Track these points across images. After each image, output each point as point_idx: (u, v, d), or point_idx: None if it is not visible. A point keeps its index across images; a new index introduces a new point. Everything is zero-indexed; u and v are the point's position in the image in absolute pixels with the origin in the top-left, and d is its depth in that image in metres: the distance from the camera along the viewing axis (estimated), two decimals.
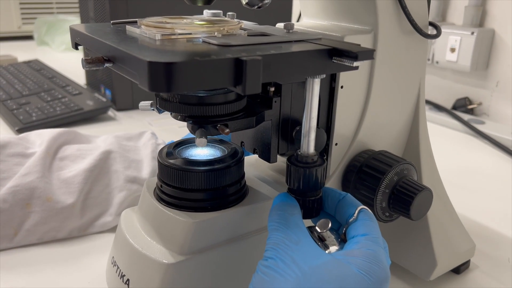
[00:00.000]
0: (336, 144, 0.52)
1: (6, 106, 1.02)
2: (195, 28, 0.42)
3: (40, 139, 0.64)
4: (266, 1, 0.41)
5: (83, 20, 1.16)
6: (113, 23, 0.49)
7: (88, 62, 0.39)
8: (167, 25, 0.42)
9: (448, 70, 1.15)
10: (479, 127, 1.01)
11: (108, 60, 0.40)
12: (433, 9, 1.13)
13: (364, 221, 0.39)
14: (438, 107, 1.11)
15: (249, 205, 0.47)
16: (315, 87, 0.42)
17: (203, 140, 0.42)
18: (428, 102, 1.14)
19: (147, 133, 0.68)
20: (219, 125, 0.43)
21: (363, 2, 0.49)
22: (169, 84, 0.32)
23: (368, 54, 0.38)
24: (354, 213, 0.40)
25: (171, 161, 0.46)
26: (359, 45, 0.42)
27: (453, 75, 1.16)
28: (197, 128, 0.43)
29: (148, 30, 0.42)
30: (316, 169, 0.43)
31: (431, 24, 0.55)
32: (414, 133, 0.58)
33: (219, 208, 0.46)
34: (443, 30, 1.10)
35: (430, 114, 1.09)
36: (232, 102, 0.44)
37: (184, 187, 0.45)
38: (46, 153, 0.60)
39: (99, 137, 0.69)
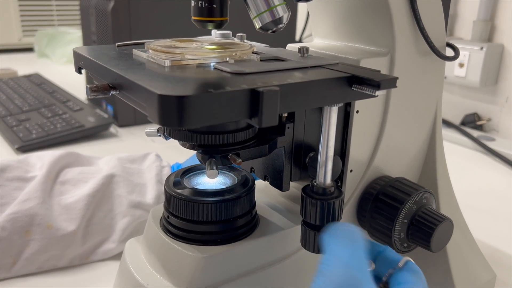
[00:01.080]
0: (351, 170, 0.49)
1: (6, 122, 1.00)
2: (206, 54, 0.39)
3: (40, 161, 0.61)
4: (280, 26, 0.39)
5: (85, 34, 1.14)
6: (118, 46, 0.47)
7: (93, 90, 0.37)
8: (176, 50, 0.40)
9: (457, 85, 1.13)
10: (489, 144, 0.99)
11: (114, 88, 0.37)
12: None
13: (413, 272, 0.36)
14: (447, 123, 1.09)
15: (261, 237, 0.45)
16: (332, 116, 0.39)
17: (214, 171, 0.39)
18: None
19: (151, 155, 0.66)
20: (230, 155, 0.41)
21: (379, 24, 0.47)
22: (181, 119, 0.30)
23: (391, 82, 0.36)
24: (398, 262, 0.38)
25: (179, 191, 0.43)
26: (379, 71, 0.40)
27: (461, 91, 1.14)
28: (208, 158, 0.40)
29: (156, 55, 0.40)
30: (333, 201, 0.40)
31: (448, 45, 0.53)
32: (430, 156, 0.56)
33: (229, 241, 0.43)
34: None
35: None
36: (244, 130, 0.42)
37: (193, 219, 0.43)
38: (47, 177, 0.58)
39: (102, 159, 0.67)
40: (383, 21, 0.46)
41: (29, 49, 1.91)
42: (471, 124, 1.10)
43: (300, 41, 1.49)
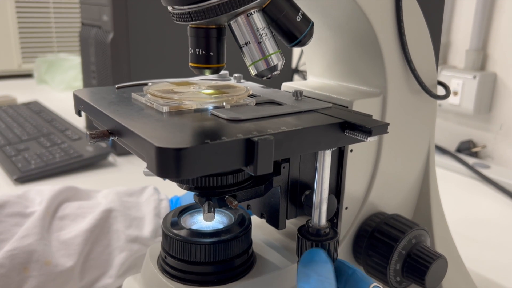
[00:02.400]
0: (346, 208, 0.50)
1: (5, 152, 1.01)
2: (203, 99, 0.41)
3: (40, 197, 0.62)
4: (275, 73, 0.40)
5: (84, 64, 1.16)
6: (117, 88, 0.48)
7: (93, 137, 0.38)
8: (174, 96, 0.41)
9: (451, 113, 1.15)
10: (485, 171, 1.00)
11: (114, 134, 0.38)
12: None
13: None
14: (442, 150, 1.10)
15: (258, 276, 0.45)
16: (326, 159, 0.40)
17: (211, 215, 0.40)
18: None
19: (149, 188, 0.67)
20: (226, 197, 0.42)
21: (371, 64, 0.48)
22: (179, 171, 0.31)
23: (382, 129, 0.37)
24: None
25: (176, 231, 0.44)
26: (371, 115, 0.41)
27: (456, 118, 1.15)
28: (204, 201, 0.41)
29: (154, 100, 0.41)
30: (328, 242, 0.41)
31: (439, 83, 0.55)
32: (424, 192, 0.56)
33: (226, 281, 0.44)
34: (445, 73, 1.11)
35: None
36: (240, 172, 0.43)
37: (189, 260, 0.43)
38: (46, 212, 0.58)
39: (100, 192, 0.67)
40: (375, 62, 0.48)
41: (29, 75, 1.93)
42: (467, 151, 1.11)
43: (296, 68, 1.52)
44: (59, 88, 1.71)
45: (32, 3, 1.90)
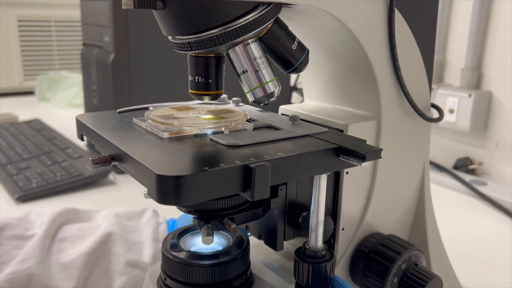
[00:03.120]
0: (343, 229, 0.51)
1: (6, 171, 1.02)
2: (202, 125, 0.42)
3: (41, 219, 0.63)
4: (272, 99, 0.41)
5: (85, 83, 1.18)
6: (119, 112, 0.49)
7: (95, 162, 0.39)
8: (174, 122, 0.42)
9: (448, 130, 1.16)
10: (481, 188, 1.01)
11: (115, 159, 0.40)
12: None
13: None
14: (439, 167, 1.12)
15: None
16: (322, 183, 0.41)
17: (210, 238, 0.41)
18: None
19: (148, 211, 0.68)
20: (225, 220, 0.43)
21: (366, 89, 0.50)
22: (179, 197, 0.32)
23: (376, 154, 0.38)
24: None
25: (175, 253, 0.45)
26: (365, 140, 0.42)
27: (453, 135, 1.17)
28: (203, 224, 0.42)
29: (155, 125, 0.42)
30: (325, 264, 0.42)
31: (433, 106, 0.56)
32: (420, 212, 0.57)
33: None
34: (441, 91, 1.12)
35: (431, 174, 1.09)
36: (238, 195, 0.44)
37: (189, 281, 0.44)
38: (46, 235, 0.59)
39: (100, 213, 0.68)
40: (369, 87, 0.49)
41: (30, 93, 1.95)
42: (464, 168, 1.12)
43: (294, 86, 1.53)
44: (60, 105, 1.73)
45: (34, 21, 1.93)
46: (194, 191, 0.32)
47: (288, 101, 1.44)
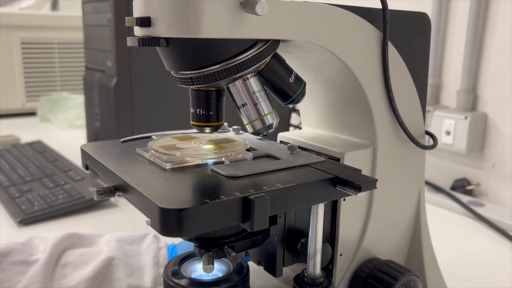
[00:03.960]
0: (341, 254, 0.52)
1: (9, 194, 1.03)
2: (203, 156, 0.43)
3: (44, 244, 0.64)
4: (270, 130, 0.43)
5: (87, 107, 1.19)
6: (122, 142, 0.51)
7: (100, 193, 0.40)
8: (176, 153, 0.43)
9: (445, 152, 1.18)
10: (479, 209, 1.02)
11: (119, 190, 0.41)
12: (427, 93, 1.18)
13: None
14: (437, 188, 1.13)
15: None
16: (319, 212, 0.43)
17: (210, 266, 0.42)
18: (427, 183, 1.16)
19: (149, 236, 0.69)
20: (225, 248, 0.44)
21: (361, 118, 0.51)
22: (181, 229, 0.33)
23: (371, 184, 0.40)
24: None
25: (177, 280, 0.46)
26: (360, 170, 0.44)
27: (450, 156, 1.18)
28: (204, 252, 0.43)
29: (158, 156, 0.44)
30: None
31: (427, 133, 0.58)
32: (416, 237, 0.58)
33: None
34: (437, 113, 1.14)
35: (428, 195, 1.10)
36: None
37: None
38: (49, 260, 0.60)
39: (103, 237, 0.69)
40: (364, 116, 0.51)
41: (32, 113, 1.97)
42: (461, 189, 1.13)
43: (293, 107, 1.55)
44: (62, 126, 1.75)
45: (37, 44, 1.96)
46: (196, 223, 0.34)
47: (287, 122, 1.46)
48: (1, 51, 1.88)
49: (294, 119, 1.62)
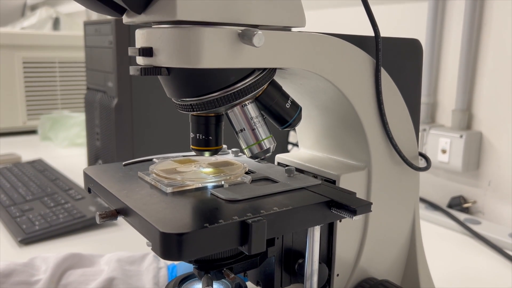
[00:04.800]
0: (337, 275, 0.53)
1: (10, 213, 1.04)
2: (203, 179, 0.45)
3: (45, 264, 0.65)
4: (268, 154, 0.44)
5: (88, 126, 1.21)
6: (124, 165, 0.52)
7: (102, 217, 0.42)
8: (177, 177, 0.45)
9: (442, 169, 1.19)
10: (475, 227, 1.03)
11: (121, 213, 0.42)
12: (423, 111, 1.19)
13: None
14: (434, 206, 1.14)
15: None
16: (315, 234, 0.44)
17: None
18: (423, 200, 1.17)
19: (149, 256, 0.70)
20: (224, 270, 0.45)
21: (355, 140, 0.53)
22: (181, 253, 0.34)
23: (366, 208, 0.41)
24: None
25: None
26: (355, 193, 0.45)
27: (446, 174, 1.19)
28: (203, 274, 0.44)
29: (159, 180, 0.45)
30: None
31: (420, 155, 0.59)
32: (412, 256, 0.59)
33: None
34: (433, 132, 1.16)
35: (425, 213, 1.11)
36: None
37: None
38: (50, 281, 0.61)
39: (103, 257, 0.70)
40: (359, 139, 0.52)
41: (33, 132, 1.99)
42: (458, 206, 1.15)
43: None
44: (62, 144, 1.76)
45: (38, 63, 1.99)
46: (196, 247, 0.35)
47: (286, 140, 1.47)
48: (3, 70, 1.91)
49: (292, 136, 1.64)
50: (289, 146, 1.53)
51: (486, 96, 1.10)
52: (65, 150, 1.74)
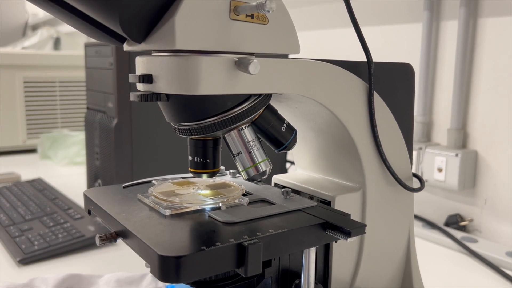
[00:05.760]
0: None
1: (9, 233, 1.04)
2: (201, 202, 0.46)
3: (45, 285, 0.65)
4: (264, 177, 0.46)
5: (88, 146, 1.22)
6: (124, 187, 0.53)
7: (102, 239, 0.42)
8: (176, 199, 0.46)
9: (438, 188, 1.20)
10: (472, 245, 1.04)
11: (120, 235, 0.43)
12: (418, 130, 1.21)
13: None
14: (431, 224, 1.14)
15: None
16: (311, 255, 0.45)
17: None
18: (420, 218, 1.17)
19: (148, 276, 0.70)
20: None
21: (350, 162, 0.54)
22: (179, 276, 0.35)
23: (360, 230, 0.42)
24: None
25: None
26: (349, 215, 0.46)
27: (443, 192, 1.20)
28: None
29: (158, 202, 0.46)
30: None
31: (414, 175, 0.60)
32: (407, 276, 0.60)
33: None
34: (429, 150, 1.17)
35: (423, 231, 1.12)
36: None
37: None
38: None
39: (102, 278, 0.71)
40: (353, 161, 0.54)
41: (32, 150, 2.00)
42: (455, 224, 1.15)
43: None
44: (61, 163, 1.77)
45: (39, 82, 2.01)
46: (193, 269, 0.36)
47: (284, 158, 1.49)
48: (4, 90, 1.93)
49: (290, 155, 1.65)
50: (288, 164, 1.54)
51: (480, 115, 1.12)
52: (65, 168, 1.75)
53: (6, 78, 1.92)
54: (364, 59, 0.52)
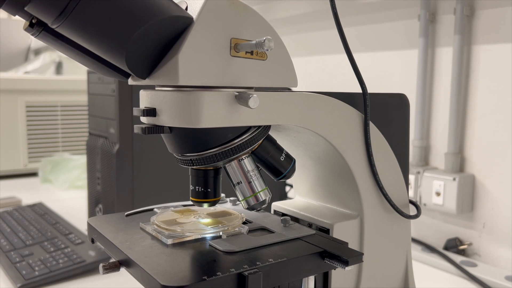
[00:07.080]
0: None
1: (9, 258, 1.05)
2: (202, 231, 0.47)
3: None
4: (264, 205, 0.47)
5: (89, 171, 1.24)
6: (127, 215, 0.55)
7: (105, 268, 0.43)
8: (177, 228, 0.47)
9: (437, 212, 1.21)
10: (472, 270, 1.04)
11: (123, 264, 0.44)
12: (416, 154, 1.23)
13: None
14: (430, 248, 1.15)
15: None
16: (310, 283, 0.46)
17: None
18: (419, 242, 1.18)
19: None
20: None
21: (348, 191, 0.56)
22: None
23: (358, 258, 0.43)
24: None
25: None
26: (347, 243, 0.47)
27: (441, 216, 1.21)
28: None
29: (160, 231, 0.47)
30: None
31: (411, 202, 0.62)
32: None
33: None
34: (427, 174, 1.19)
35: (422, 255, 1.12)
36: None
37: None
38: None
39: None
40: (350, 189, 0.55)
41: (33, 174, 2.01)
42: (454, 248, 1.16)
43: None
44: (62, 187, 1.78)
45: (41, 107, 2.04)
46: None
47: (284, 182, 1.50)
48: (6, 114, 1.95)
49: (289, 179, 1.66)
50: (287, 187, 1.55)
51: (477, 140, 1.14)
52: (65, 192, 1.76)
53: (8, 102, 1.95)
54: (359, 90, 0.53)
